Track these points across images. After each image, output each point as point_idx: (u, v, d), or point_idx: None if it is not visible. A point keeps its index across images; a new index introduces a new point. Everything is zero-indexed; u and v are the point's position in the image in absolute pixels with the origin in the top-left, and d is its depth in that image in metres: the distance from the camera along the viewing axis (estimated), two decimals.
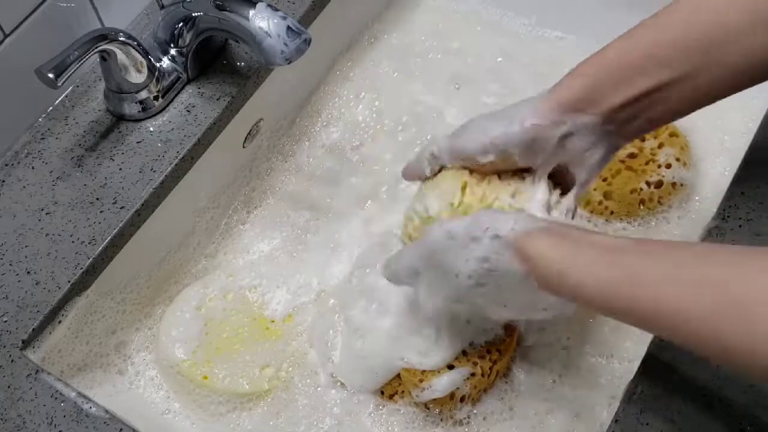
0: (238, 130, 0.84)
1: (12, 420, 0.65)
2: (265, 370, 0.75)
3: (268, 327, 0.78)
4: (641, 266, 0.53)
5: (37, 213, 0.75)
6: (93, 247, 0.72)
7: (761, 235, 0.68)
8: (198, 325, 0.77)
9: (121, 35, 0.74)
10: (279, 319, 0.78)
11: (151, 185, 0.76)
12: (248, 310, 0.79)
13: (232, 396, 0.73)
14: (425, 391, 0.70)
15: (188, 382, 0.74)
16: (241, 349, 0.76)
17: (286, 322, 0.78)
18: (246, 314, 0.78)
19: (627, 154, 0.81)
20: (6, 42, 0.74)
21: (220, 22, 0.75)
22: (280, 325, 0.78)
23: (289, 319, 0.79)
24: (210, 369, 0.74)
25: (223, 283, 0.80)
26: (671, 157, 0.81)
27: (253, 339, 0.76)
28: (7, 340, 0.68)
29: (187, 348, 0.75)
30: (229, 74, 0.83)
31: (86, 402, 0.66)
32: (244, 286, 0.80)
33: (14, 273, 0.71)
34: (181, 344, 0.75)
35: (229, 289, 0.79)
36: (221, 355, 0.75)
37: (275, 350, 0.76)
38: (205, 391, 0.74)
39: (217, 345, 0.76)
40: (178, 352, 0.75)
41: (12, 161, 0.78)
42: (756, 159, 0.73)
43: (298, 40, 0.72)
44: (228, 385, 0.73)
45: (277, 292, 0.80)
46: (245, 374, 0.74)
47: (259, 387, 0.74)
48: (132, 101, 0.79)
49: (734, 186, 0.71)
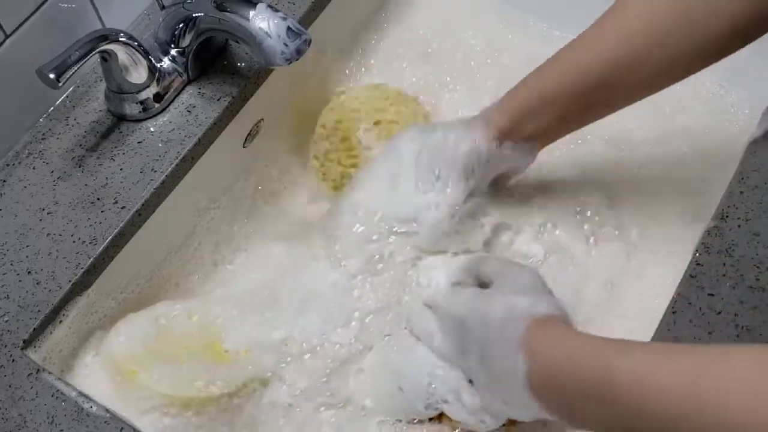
0: (238, 130, 0.84)
1: (13, 419, 0.65)
2: (197, 383, 0.72)
3: (219, 353, 0.75)
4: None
5: (38, 213, 0.75)
6: (94, 247, 0.72)
7: (760, 234, 0.68)
8: (151, 331, 0.74)
9: (121, 36, 0.74)
10: (234, 350, 0.75)
11: (151, 185, 0.76)
12: (206, 336, 0.75)
13: (154, 394, 0.71)
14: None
15: (117, 374, 0.72)
16: (183, 361, 0.73)
17: (241, 354, 0.75)
18: (202, 338, 0.75)
19: None
20: (7, 42, 0.74)
21: (221, 22, 0.75)
22: (234, 355, 0.75)
23: (245, 353, 0.75)
24: (142, 367, 0.71)
25: (193, 304, 0.77)
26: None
27: (199, 357, 0.74)
28: (8, 340, 0.68)
29: (130, 344, 0.72)
30: (230, 75, 0.83)
31: (87, 401, 0.66)
32: (213, 313, 0.76)
33: (15, 273, 0.72)
34: (127, 340, 0.73)
35: (194, 311, 0.76)
36: (160, 360, 0.72)
37: (216, 371, 0.73)
38: (131, 385, 0.71)
39: (162, 352, 0.73)
40: (119, 346, 0.72)
41: (13, 161, 0.78)
42: (755, 158, 0.73)
43: (299, 40, 0.72)
44: (152, 383, 0.70)
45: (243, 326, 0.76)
46: (175, 380, 0.71)
47: (183, 393, 0.71)
48: (133, 101, 0.79)
49: (733, 186, 0.71)
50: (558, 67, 0.71)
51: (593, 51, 0.69)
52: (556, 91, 0.71)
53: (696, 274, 0.67)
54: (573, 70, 0.70)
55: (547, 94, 0.71)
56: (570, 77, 0.70)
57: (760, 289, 0.66)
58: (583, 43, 0.70)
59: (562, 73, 0.71)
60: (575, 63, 0.70)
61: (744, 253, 0.68)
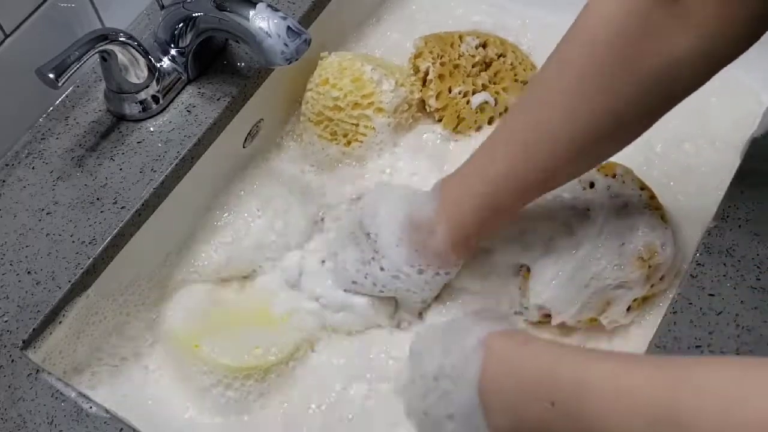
0: (238, 130, 0.84)
1: (12, 420, 0.65)
2: (256, 351, 0.75)
3: (271, 319, 0.79)
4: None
5: (37, 213, 0.75)
6: (93, 247, 0.72)
7: (761, 234, 0.68)
8: (207, 304, 0.79)
9: (121, 35, 0.74)
10: (281, 315, 0.79)
11: (151, 185, 0.76)
12: (256, 303, 0.80)
13: (216, 368, 0.74)
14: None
15: (180, 350, 0.75)
16: (240, 331, 0.77)
17: (286, 319, 0.79)
18: (253, 306, 0.80)
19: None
20: (6, 42, 0.74)
21: (221, 22, 0.75)
22: (282, 320, 0.79)
23: (289, 317, 0.79)
24: (203, 341, 0.75)
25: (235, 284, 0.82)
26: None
27: (254, 325, 0.78)
28: (7, 340, 0.68)
29: (189, 319, 0.77)
30: (230, 74, 0.83)
31: (86, 402, 0.66)
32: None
33: (15, 273, 0.71)
34: (186, 315, 0.77)
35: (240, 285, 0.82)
36: (219, 331, 0.76)
37: (271, 338, 0.77)
38: (194, 360, 0.74)
39: (219, 323, 0.77)
40: (179, 321, 0.77)
41: (12, 161, 0.78)
42: (755, 158, 0.73)
43: (298, 40, 0.72)
44: (214, 355, 0.74)
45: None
46: (235, 350, 0.75)
47: (245, 362, 0.74)
48: (132, 101, 0.79)
49: (734, 186, 0.71)
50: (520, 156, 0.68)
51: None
52: (513, 197, 0.69)
53: (696, 274, 0.67)
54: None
55: (503, 201, 0.69)
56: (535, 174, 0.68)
57: (761, 289, 0.66)
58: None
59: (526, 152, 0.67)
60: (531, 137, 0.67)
61: (744, 253, 0.67)
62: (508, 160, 0.67)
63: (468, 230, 0.71)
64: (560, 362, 0.55)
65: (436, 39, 0.91)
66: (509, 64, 0.91)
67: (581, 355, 0.56)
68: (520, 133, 0.67)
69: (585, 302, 0.73)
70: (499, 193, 0.69)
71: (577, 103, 0.63)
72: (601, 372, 0.52)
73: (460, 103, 0.88)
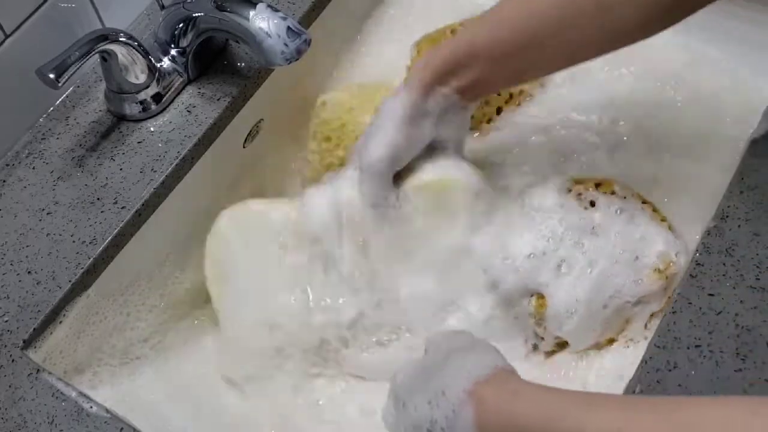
0: (238, 130, 0.84)
1: (13, 419, 0.65)
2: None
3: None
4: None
5: (38, 213, 0.75)
6: (94, 247, 0.72)
7: (760, 234, 0.68)
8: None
9: (121, 36, 0.74)
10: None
11: (151, 185, 0.76)
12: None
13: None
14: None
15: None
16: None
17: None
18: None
19: None
20: (7, 42, 0.74)
21: (221, 22, 0.75)
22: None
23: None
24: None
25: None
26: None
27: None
28: (8, 340, 0.68)
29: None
30: (230, 75, 0.83)
31: (87, 401, 0.66)
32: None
33: (15, 273, 0.72)
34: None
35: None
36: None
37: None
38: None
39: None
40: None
41: (13, 161, 0.78)
42: (755, 158, 0.73)
43: (299, 40, 0.72)
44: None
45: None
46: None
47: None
48: (132, 101, 0.79)
49: (734, 186, 0.71)
50: (494, 17, 0.69)
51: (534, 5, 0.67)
52: (487, 44, 0.68)
53: (696, 274, 0.67)
54: (507, 25, 0.68)
55: (477, 48, 0.69)
56: (504, 32, 0.68)
57: (760, 289, 0.66)
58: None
59: (496, 27, 0.68)
60: (512, 17, 0.68)
61: (744, 253, 0.68)
62: (485, 28, 0.69)
63: (444, 67, 0.70)
64: (556, 413, 0.54)
65: (427, 42, 0.91)
66: None
67: (577, 406, 0.54)
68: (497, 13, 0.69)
69: (605, 325, 0.72)
70: (476, 45, 0.69)
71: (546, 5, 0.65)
72: (599, 423, 0.51)
73: None
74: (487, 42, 0.69)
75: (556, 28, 0.66)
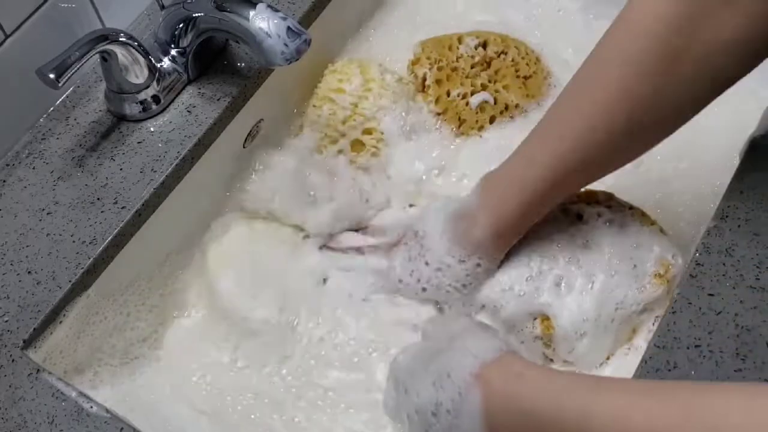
0: (238, 130, 0.84)
1: (13, 419, 0.65)
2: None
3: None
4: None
5: (38, 213, 0.75)
6: (94, 247, 0.72)
7: (760, 234, 0.68)
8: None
9: (121, 36, 0.74)
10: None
11: (151, 185, 0.76)
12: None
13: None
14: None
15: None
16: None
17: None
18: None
19: None
20: (7, 42, 0.74)
21: (221, 22, 0.75)
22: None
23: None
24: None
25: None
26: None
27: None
28: (8, 340, 0.68)
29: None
30: (230, 75, 0.83)
31: (87, 401, 0.66)
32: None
33: (15, 273, 0.72)
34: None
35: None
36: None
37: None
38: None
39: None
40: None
41: (13, 161, 0.78)
42: (755, 158, 0.73)
43: (299, 40, 0.72)
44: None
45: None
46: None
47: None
48: (133, 101, 0.79)
49: (734, 186, 0.71)
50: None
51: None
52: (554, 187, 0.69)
53: (696, 274, 0.67)
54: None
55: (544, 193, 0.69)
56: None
57: (760, 289, 0.66)
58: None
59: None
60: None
61: (744, 253, 0.68)
62: (546, 156, 0.68)
63: (509, 221, 0.71)
64: (563, 396, 0.54)
65: (434, 43, 0.91)
66: (510, 61, 0.91)
67: (583, 388, 0.54)
68: (557, 128, 0.68)
69: (614, 338, 0.72)
70: (538, 190, 0.69)
71: (615, 97, 0.63)
72: (605, 407, 0.51)
73: (460, 105, 0.88)
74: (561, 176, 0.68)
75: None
